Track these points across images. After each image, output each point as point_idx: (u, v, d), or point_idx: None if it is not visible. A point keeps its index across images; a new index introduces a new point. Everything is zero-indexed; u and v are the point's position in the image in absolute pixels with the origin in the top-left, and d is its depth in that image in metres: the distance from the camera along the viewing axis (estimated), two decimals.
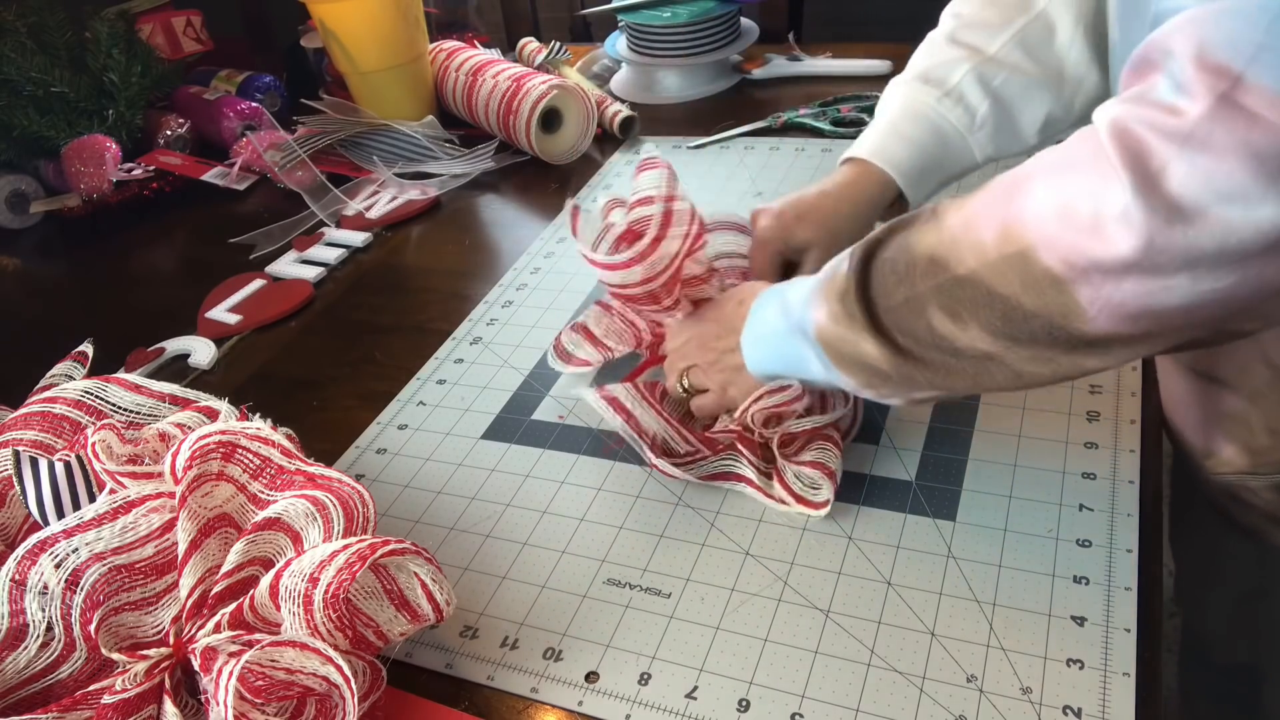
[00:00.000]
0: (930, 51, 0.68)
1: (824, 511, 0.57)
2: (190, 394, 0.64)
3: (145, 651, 0.48)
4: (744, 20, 1.23)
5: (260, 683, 0.44)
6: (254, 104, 1.20)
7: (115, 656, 0.48)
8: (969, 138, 0.66)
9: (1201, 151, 0.35)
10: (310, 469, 0.54)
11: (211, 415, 0.60)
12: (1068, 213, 0.39)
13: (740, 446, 0.60)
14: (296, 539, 0.51)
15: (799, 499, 0.58)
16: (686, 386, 0.63)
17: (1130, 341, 0.41)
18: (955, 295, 0.44)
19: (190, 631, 0.48)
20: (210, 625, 0.47)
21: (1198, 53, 0.35)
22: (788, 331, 0.54)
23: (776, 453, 0.59)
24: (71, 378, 0.69)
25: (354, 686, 0.44)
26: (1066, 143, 0.41)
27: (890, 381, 0.49)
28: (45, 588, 0.49)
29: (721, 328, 0.61)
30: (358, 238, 0.98)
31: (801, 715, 0.47)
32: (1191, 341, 0.42)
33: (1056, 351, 0.42)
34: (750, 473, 0.59)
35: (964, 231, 0.43)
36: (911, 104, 0.66)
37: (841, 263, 0.50)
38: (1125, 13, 0.53)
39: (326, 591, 0.46)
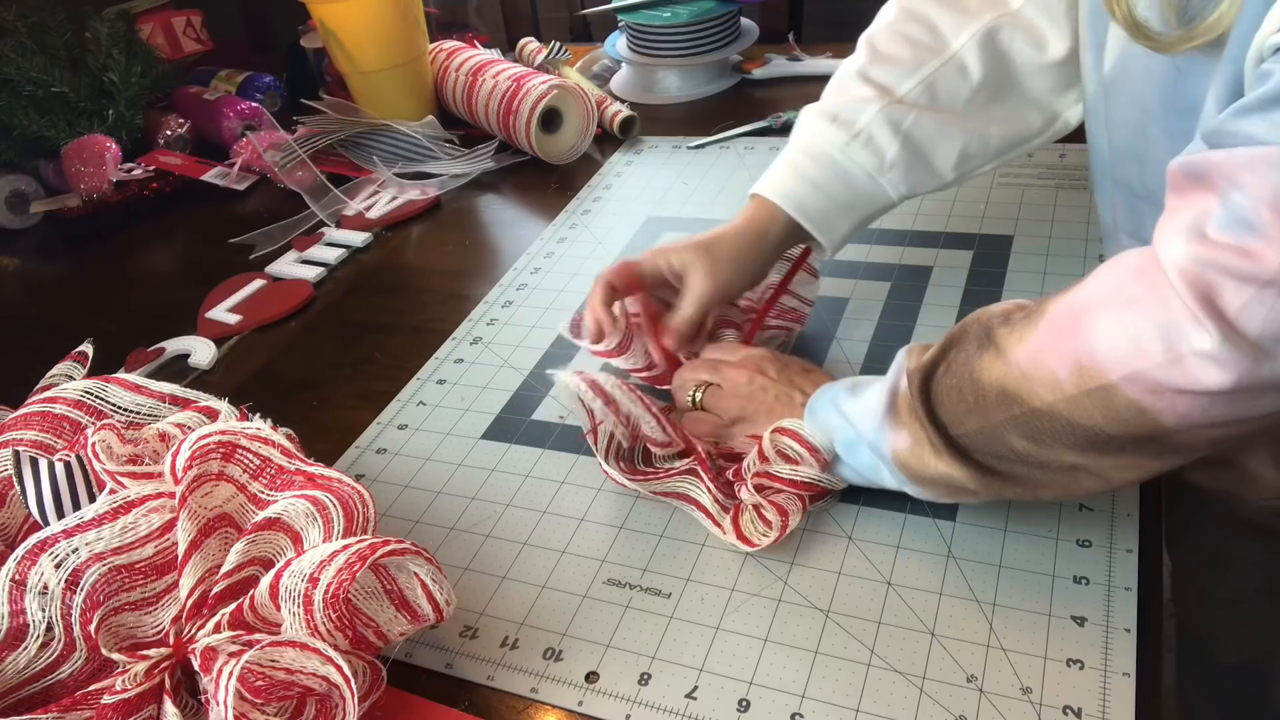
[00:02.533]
0: (841, 87, 0.66)
1: (750, 548, 0.56)
2: (190, 394, 0.64)
3: (145, 651, 0.48)
4: (744, 20, 1.23)
5: (260, 683, 0.44)
6: (254, 104, 1.20)
7: (115, 656, 0.48)
8: (879, 179, 0.64)
9: None
10: (310, 469, 0.54)
11: (211, 415, 0.60)
12: (1143, 349, 0.40)
13: (701, 472, 0.59)
14: (296, 539, 0.51)
15: (742, 537, 0.56)
16: (696, 400, 0.62)
17: (1216, 441, 0.43)
18: (1034, 425, 0.45)
19: (190, 631, 0.48)
20: (210, 625, 0.47)
21: (1274, 197, 0.36)
22: (858, 442, 0.54)
23: (747, 489, 0.57)
24: (71, 378, 0.69)
25: (354, 686, 0.44)
26: (1117, 272, 0.43)
27: (974, 494, 0.50)
28: (45, 588, 0.49)
29: (780, 386, 0.60)
30: (358, 238, 0.98)
31: (801, 715, 0.47)
32: None
33: (1144, 459, 0.44)
34: (707, 500, 0.58)
35: (1033, 367, 0.44)
36: (818, 143, 0.65)
37: (899, 382, 0.51)
38: (1124, 100, 0.53)
39: (326, 591, 0.46)
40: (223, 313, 0.89)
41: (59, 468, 0.55)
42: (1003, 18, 0.64)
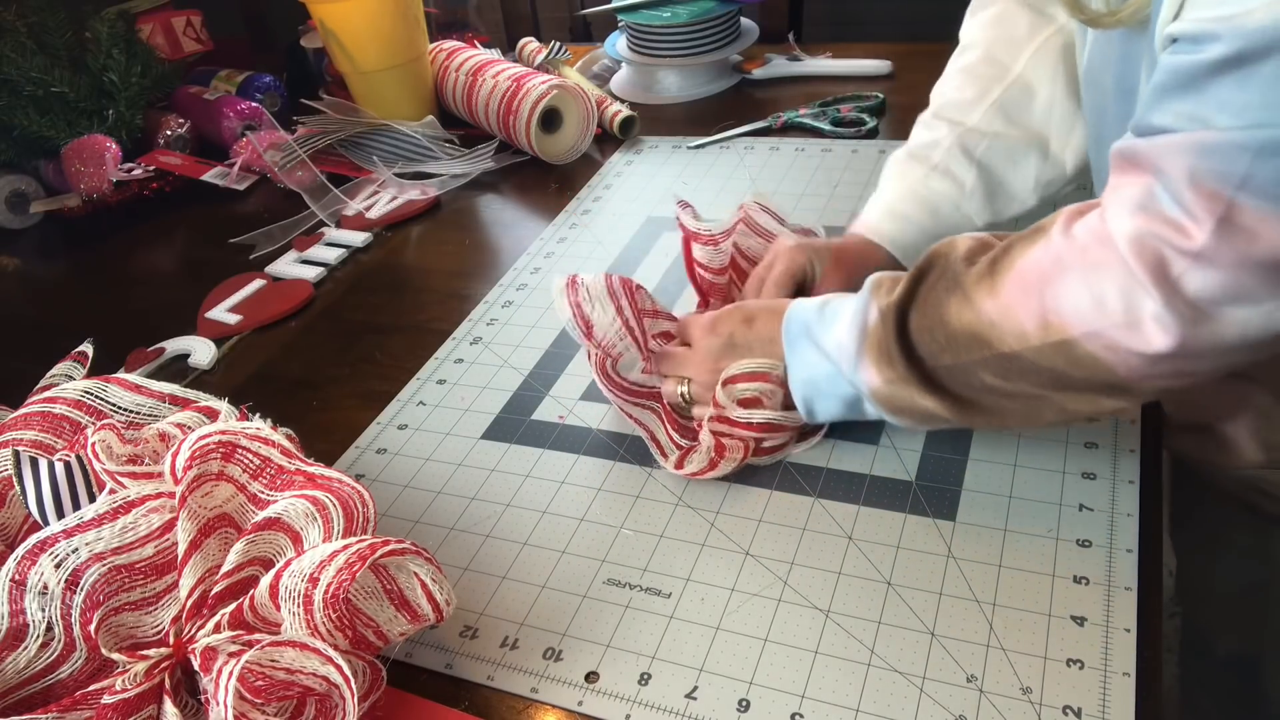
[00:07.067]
0: (918, 129, 0.71)
1: (679, 471, 0.61)
2: (190, 394, 0.64)
3: (145, 651, 0.48)
4: (744, 20, 1.23)
5: (260, 683, 0.44)
6: (254, 104, 1.20)
7: (115, 656, 0.48)
8: (962, 206, 0.69)
9: (1211, 266, 0.41)
10: (310, 469, 0.54)
11: (211, 415, 0.60)
12: (1103, 311, 0.44)
13: (661, 412, 0.64)
14: (296, 539, 0.51)
15: (680, 465, 0.61)
16: (686, 397, 0.64)
17: (1164, 390, 0.48)
18: (1003, 365, 0.49)
19: (190, 631, 0.48)
20: (210, 625, 0.47)
21: (1190, 178, 0.40)
22: (839, 377, 0.56)
23: (706, 433, 0.61)
24: (71, 378, 0.69)
25: (354, 686, 0.44)
26: (1081, 239, 0.46)
27: (946, 422, 0.53)
28: (45, 588, 0.49)
29: (744, 353, 0.61)
30: (358, 238, 0.98)
31: (801, 715, 0.47)
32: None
33: (1099, 397, 0.48)
34: (662, 437, 0.64)
35: (1001, 318, 0.48)
36: (904, 181, 0.70)
37: (868, 315, 0.53)
38: (1091, 86, 0.58)
39: (326, 591, 0.46)
40: (223, 313, 0.89)
41: (59, 468, 0.55)
42: (1058, 34, 0.67)
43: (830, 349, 0.56)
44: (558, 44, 1.23)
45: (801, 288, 0.67)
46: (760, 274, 0.68)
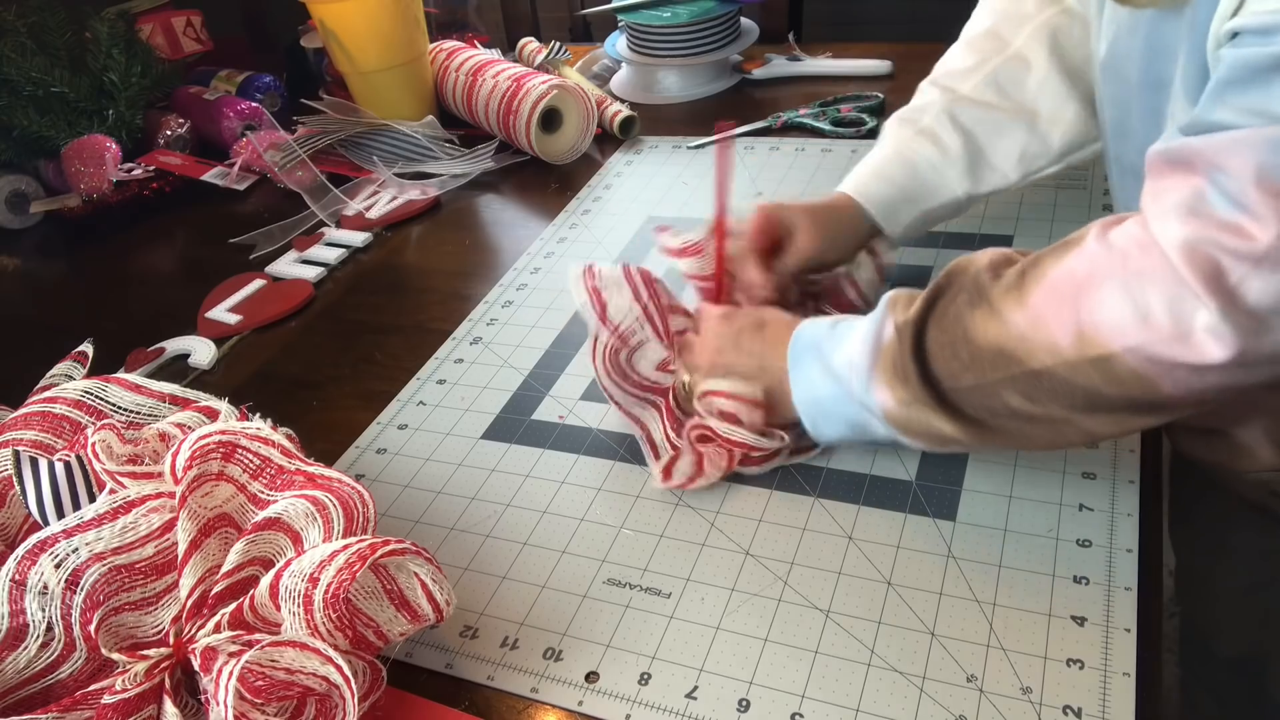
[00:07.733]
0: (916, 95, 0.72)
1: (663, 484, 0.60)
2: (190, 394, 0.64)
3: (145, 651, 0.48)
4: (744, 20, 1.23)
5: (260, 683, 0.44)
6: (254, 104, 1.20)
7: (115, 656, 0.48)
8: (943, 172, 0.69)
9: (1275, 271, 0.38)
10: (310, 469, 0.54)
11: (211, 415, 0.60)
12: (1149, 322, 0.41)
13: (663, 410, 0.64)
14: (296, 539, 0.51)
15: (667, 472, 0.61)
16: (685, 388, 0.64)
17: (1205, 404, 0.45)
18: (1032, 385, 0.46)
19: (190, 631, 0.48)
20: (210, 625, 0.47)
21: (1258, 176, 0.38)
22: (846, 399, 0.55)
23: (688, 439, 0.62)
24: (71, 378, 0.69)
25: (354, 686, 0.44)
26: (1121, 246, 0.43)
27: (963, 446, 0.52)
28: (45, 588, 0.49)
29: (744, 355, 0.61)
30: (358, 238, 0.98)
31: (801, 715, 0.47)
32: None
33: (1131, 415, 0.45)
34: (658, 433, 0.64)
35: (1032, 331, 0.45)
36: (892, 143, 0.70)
37: (883, 332, 0.52)
38: (1111, 77, 0.56)
39: (326, 591, 0.46)
40: (223, 313, 0.89)
41: (59, 468, 0.55)
42: (1062, 14, 0.67)
43: (839, 367, 0.54)
44: (558, 44, 1.23)
45: (779, 245, 0.68)
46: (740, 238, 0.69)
